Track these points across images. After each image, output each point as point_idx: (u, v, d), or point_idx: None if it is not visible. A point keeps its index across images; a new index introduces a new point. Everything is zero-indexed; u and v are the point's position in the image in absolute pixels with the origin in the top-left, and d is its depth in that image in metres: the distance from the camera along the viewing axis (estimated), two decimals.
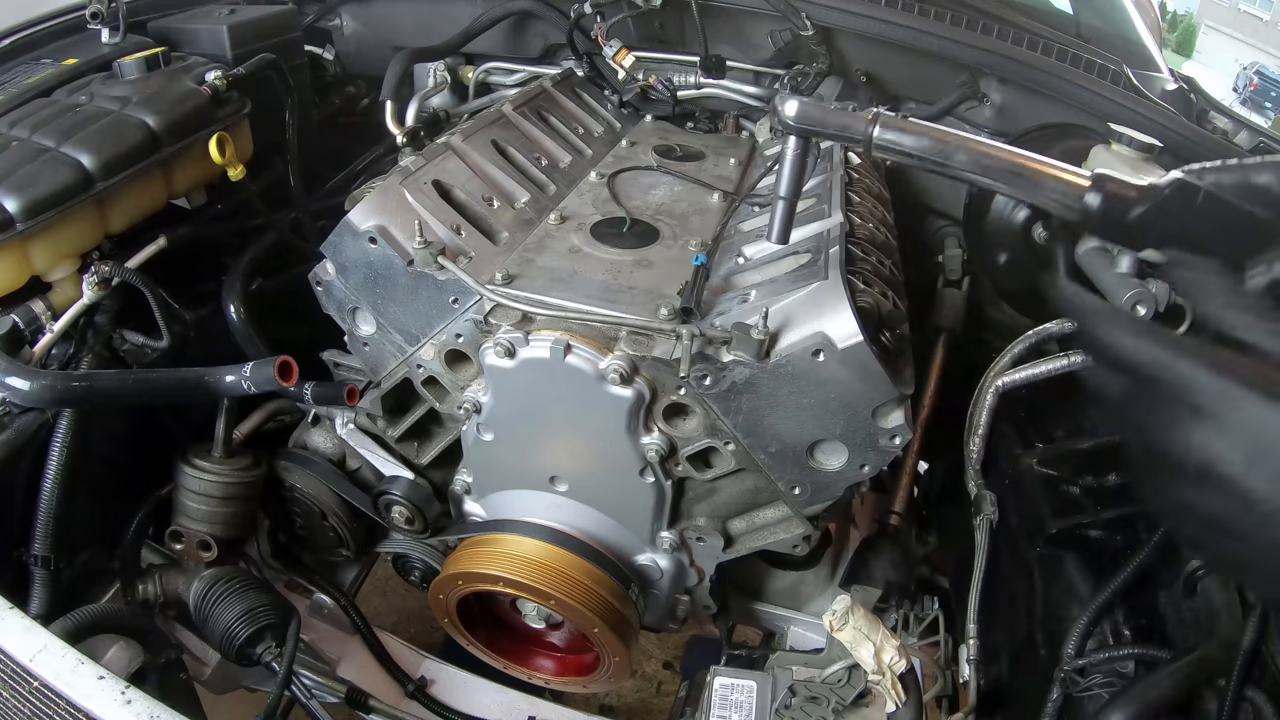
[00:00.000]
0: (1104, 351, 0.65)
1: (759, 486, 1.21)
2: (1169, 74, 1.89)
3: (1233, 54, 22.98)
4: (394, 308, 1.21)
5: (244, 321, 1.43)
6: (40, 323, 1.25)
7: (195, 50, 1.58)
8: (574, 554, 1.31)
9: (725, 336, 1.04)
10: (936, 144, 0.76)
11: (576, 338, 1.11)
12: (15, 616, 0.86)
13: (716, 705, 1.16)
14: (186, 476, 1.37)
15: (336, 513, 1.51)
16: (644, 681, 2.42)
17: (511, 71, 2.03)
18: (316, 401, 1.28)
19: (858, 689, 1.09)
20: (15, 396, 1.10)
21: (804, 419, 1.08)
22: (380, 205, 1.18)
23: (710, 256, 1.22)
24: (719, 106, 1.91)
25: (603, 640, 1.33)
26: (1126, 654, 1.04)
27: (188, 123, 1.37)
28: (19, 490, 1.20)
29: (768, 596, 1.63)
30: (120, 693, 0.80)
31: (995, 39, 1.66)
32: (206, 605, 1.34)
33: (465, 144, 1.39)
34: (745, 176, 1.60)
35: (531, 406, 1.20)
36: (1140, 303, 1.26)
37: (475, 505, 1.43)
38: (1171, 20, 24.77)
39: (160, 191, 1.41)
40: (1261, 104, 18.16)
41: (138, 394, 1.19)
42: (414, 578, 1.63)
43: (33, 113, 1.32)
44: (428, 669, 1.67)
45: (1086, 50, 1.72)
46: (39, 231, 1.19)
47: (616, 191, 1.45)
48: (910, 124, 0.77)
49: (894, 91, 1.84)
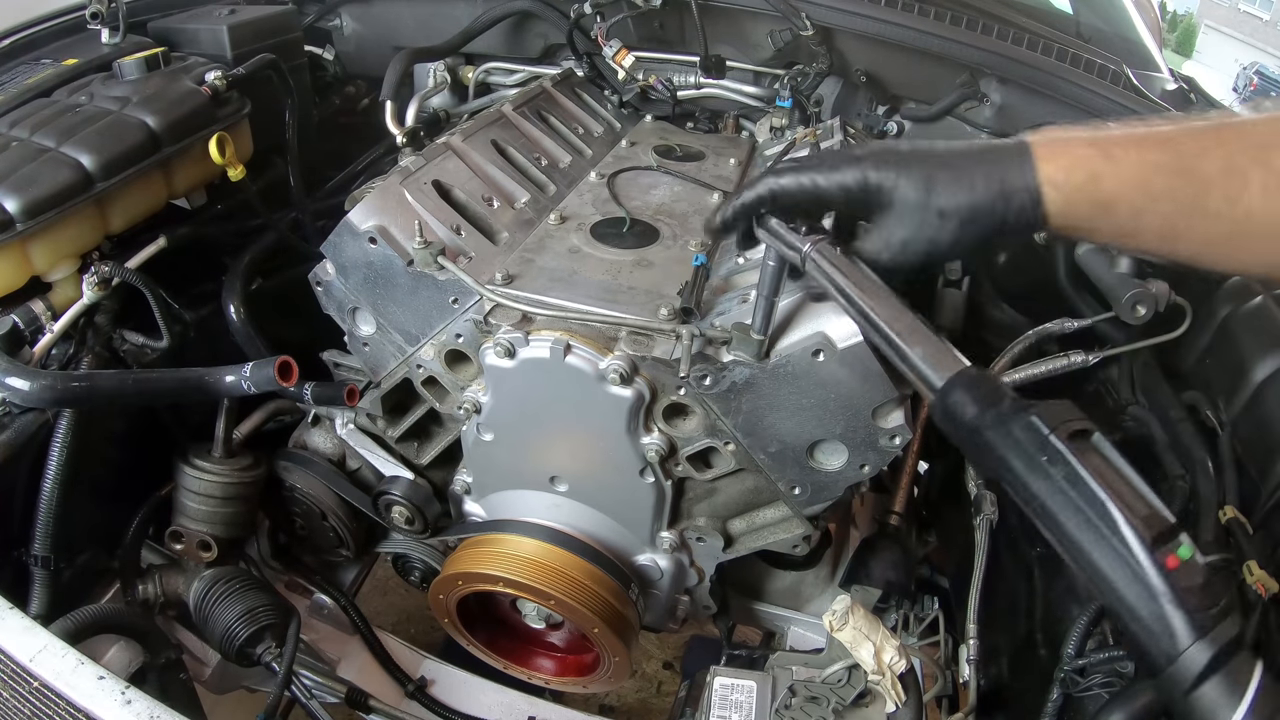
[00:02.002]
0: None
1: (759, 486, 1.21)
2: (1169, 74, 1.89)
3: (1233, 54, 23.01)
4: (394, 308, 1.22)
5: (244, 321, 1.43)
6: (40, 323, 1.25)
7: (195, 50, 1.58)
8: (574, 554, 1.31)
9: (725, 336, 1.04)
10: (848, 286, 0.80)
11: (576, 338, 1.11)
12: (15, 616, 0.86)
13: (716, 705, 1.15)
14: (186, 476, 1.37)
15: (336, 513, 1.51)
16: (644, 681, 2.42)
17: (511, 71, 2.03)
18: (316, 401, 1.28)
19: (858, 689, 1.08)
20: (15, 396, 1.10)
21: (804, 419, 1.08)
22: (380, 205, 1.18)
23: (710, 256, 1.21)
24: (719, 106, 1.91)
25: (603, 640, 1.34)
26: (1126, 654, 1.03)
27: (188, 123, 1.37)
28: (19, 490, 1.20)
29: (768, 596, 1.63)
30: (120, 693, 0.79)
31: (995, 39, 1.66)
32: (206, 605, 1.34)
33: (465, 144, 1.39)
34: (745, 176, 1.60)
35: (531, 406, 1.20)
36: (1140, 303, 1.26)
37: (475, 505, 1.43)
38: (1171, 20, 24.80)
39: (160, 192, 1.41)
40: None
41: (138, 394, 1.19)
42: (414, 578, 1.63)
43: (33, 113, 1.32)
44: (428, 669, 1.67)
45: (1086, 50, 1.72)
46: (39, 231, 1.19)
47: (616, 191, 1.45)
48: (841, 260, 0.81)
49: (894, 91, 1.84)
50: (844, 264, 0.81)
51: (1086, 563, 0.61)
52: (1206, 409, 1.21)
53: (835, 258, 0.81)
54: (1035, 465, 0.63)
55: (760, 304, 0.98)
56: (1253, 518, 1.05)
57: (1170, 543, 0.60)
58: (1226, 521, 1.05)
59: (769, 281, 0.95)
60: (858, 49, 1.77)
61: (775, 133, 1.76)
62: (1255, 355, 1.15)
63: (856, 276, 0.80)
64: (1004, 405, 0.66)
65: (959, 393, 0.69)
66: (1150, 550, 0.58)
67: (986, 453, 0.66)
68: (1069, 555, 0.63)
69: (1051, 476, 0.62)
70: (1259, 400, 1.12)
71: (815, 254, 0.82)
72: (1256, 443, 1.11)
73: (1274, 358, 1.13)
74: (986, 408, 0.67)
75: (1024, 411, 0.64)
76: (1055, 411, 0.64)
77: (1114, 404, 1.35)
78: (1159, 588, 0.58)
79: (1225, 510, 1.06)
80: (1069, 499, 0.61)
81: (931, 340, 0.74)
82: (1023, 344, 1.40)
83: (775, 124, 1.76)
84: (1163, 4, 17.35)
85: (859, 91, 1.84)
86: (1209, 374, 1.25)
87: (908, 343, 0.74)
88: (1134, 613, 0.59)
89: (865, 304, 0.78)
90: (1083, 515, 0.61)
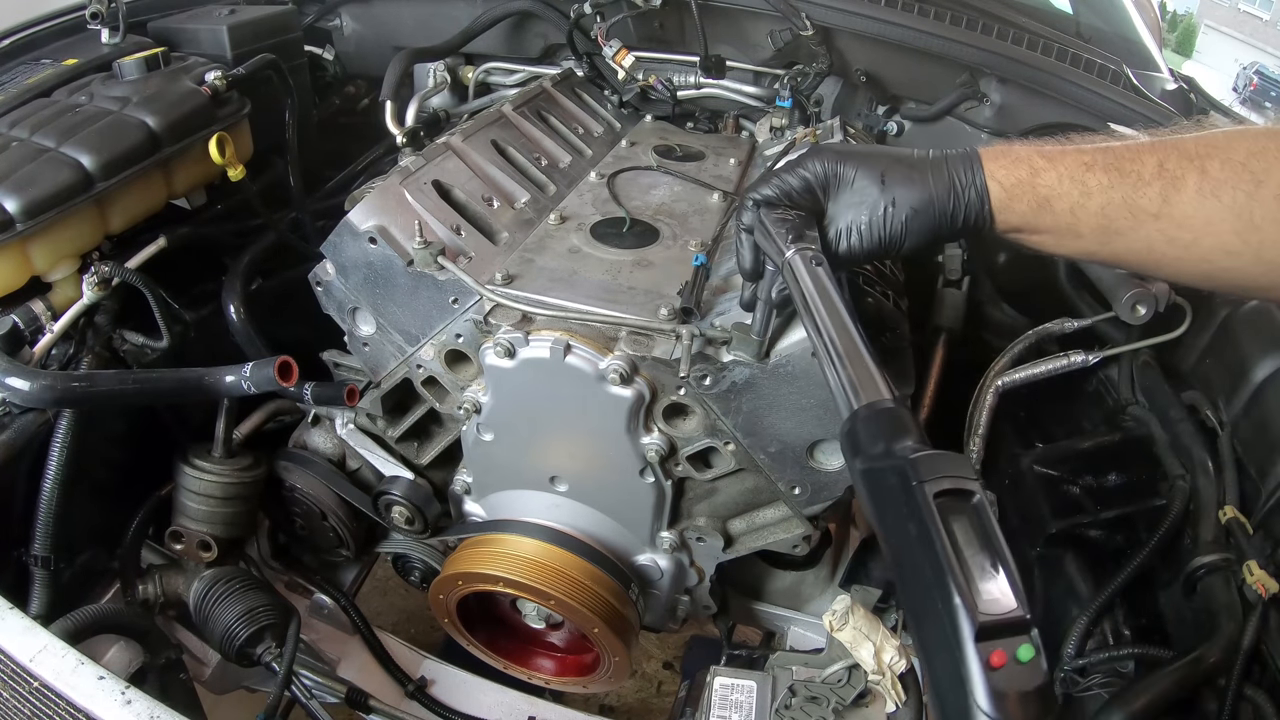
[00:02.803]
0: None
1: (759, 486, 1.21)
2: (1169, 74, 1.89)
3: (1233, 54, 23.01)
4: (394, 308, 1.22)
5: (244, 321, 1.43)
6: (40, 323, 1.25)
7: (195, 50, 1.58)
8: (574, 554, 1.31)
9: (725, 336, 1.04)
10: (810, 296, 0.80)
11: (576, 338, 1.11)
12: (15, 616, 0.86)
13: (716, 705, 1.16)
14: (186, 477, 1.37)
15: (336, 513, 1.51)
16: (644, 681, 2.42)
17: (511, 72, 2.03)
18: (316, 401, 1.28)
19: (858, 689, 1.09)
20: (15, 396, 1.10)
21: (804, 419, 1.08)
22: (380, 205, 1.18)
23: (710, 256, 1.22)
24: (719, 106, 1.91)
25: (603, 640, 1.34)
26: (1126, 654, 1.04)
27: (188, 123, 1.37)
28: (19, 490, 1.20)
29: (768, 596, 1.63)
30: (120, 693, 0.79)
31: (995, 39, 1.66)
32: (206, 605, 1.34)
33: (465, 144, 1.39)
34: (745, 176, 1.60)
35: (531, 406, 1.20)
36: (1140, 303, 1.26)
37: (475, 505, 1.43)
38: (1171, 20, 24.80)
39: (160, 192, 1.41)
40: (1261, 104, 18.20)
41: (138, 394, 1.18)
42: (414, 578, 1.63)
43: (33, 113, 1.31)
44: (428, 669, 1.67)
45: (1086, 50, 1.72)
46: (39, 231, 1.19)
47: (616, 191, 1.45)
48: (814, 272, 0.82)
49: (894, 91, 1.84)
50: (814, 275, 0.81)
51: (915, 633, 0.58)
52: (1206, 409, 1.21)
53: (810, 268, 0.82)
54: (896, 514, 0.59)
55: (760, 305, 0.98)
56: (1253, 518, 1.05)
57: (1009, 638, 0.53)
58: (1226, 521, 1.05)
59: (768, 282, 0.95)
60: (858, 49, 1.77)
61: (775, 133, 1.76)
62: (1255, 355, 1.15)
63: (821, 288, 0.80)
64: (895, 445, 0.62)
65: (860, 423, 0.67)
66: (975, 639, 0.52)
67: (860, 487, 0.64)
68: (906, 617, 0.60)
69: (905, 532, 0.58)
70: (1259, 400, 1.13)
71: (794, 260, 0.82)
72: (1256, 443, 1.11)
73: (1274, 358, 1.13)
74: (876, 443, 0.64)
75: (904, 457, 0.60)
76: (937, 464, 0.59)
77: (1114, 404, 1.35)
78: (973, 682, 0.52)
79: (1225, 510, 1.06)
80: (914, 559, 0.56)
81: (863, 365, 0.72)
82: (1023, 344, 1.40)
83: (775, 124, 1.76)
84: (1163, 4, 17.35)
85: (859, 91, 1.84)
86: (1209, 374, 1.25)
87: (841, 361, 0.73)
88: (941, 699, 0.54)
89: (818, 314, 0.78)
90: (922, 581, 0.56)
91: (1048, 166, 0.79)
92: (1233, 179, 0.72)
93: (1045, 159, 0.79)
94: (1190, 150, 0.75)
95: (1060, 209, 0.78)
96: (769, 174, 0.89)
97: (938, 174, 0.82)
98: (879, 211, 0.83)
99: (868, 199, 0.83)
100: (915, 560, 0.56)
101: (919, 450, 0.61)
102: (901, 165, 0.83)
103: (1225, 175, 0.72)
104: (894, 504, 0.59)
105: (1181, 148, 0.75)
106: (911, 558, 0.57)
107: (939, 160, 0.82)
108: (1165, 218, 0.74)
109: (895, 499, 0.59)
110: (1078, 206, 0.78)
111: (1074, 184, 0.77)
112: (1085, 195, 0.77)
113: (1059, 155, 0.79)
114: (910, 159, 0.84)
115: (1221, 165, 0.73)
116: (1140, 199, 0.75)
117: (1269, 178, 0.71)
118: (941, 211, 0.81)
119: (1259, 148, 0.72)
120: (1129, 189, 0.75)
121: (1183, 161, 0.74)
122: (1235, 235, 0.73)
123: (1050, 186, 0.78)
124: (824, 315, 0.78)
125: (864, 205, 0.83)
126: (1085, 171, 0.77)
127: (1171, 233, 0.75)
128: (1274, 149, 0.72)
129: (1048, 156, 0.79)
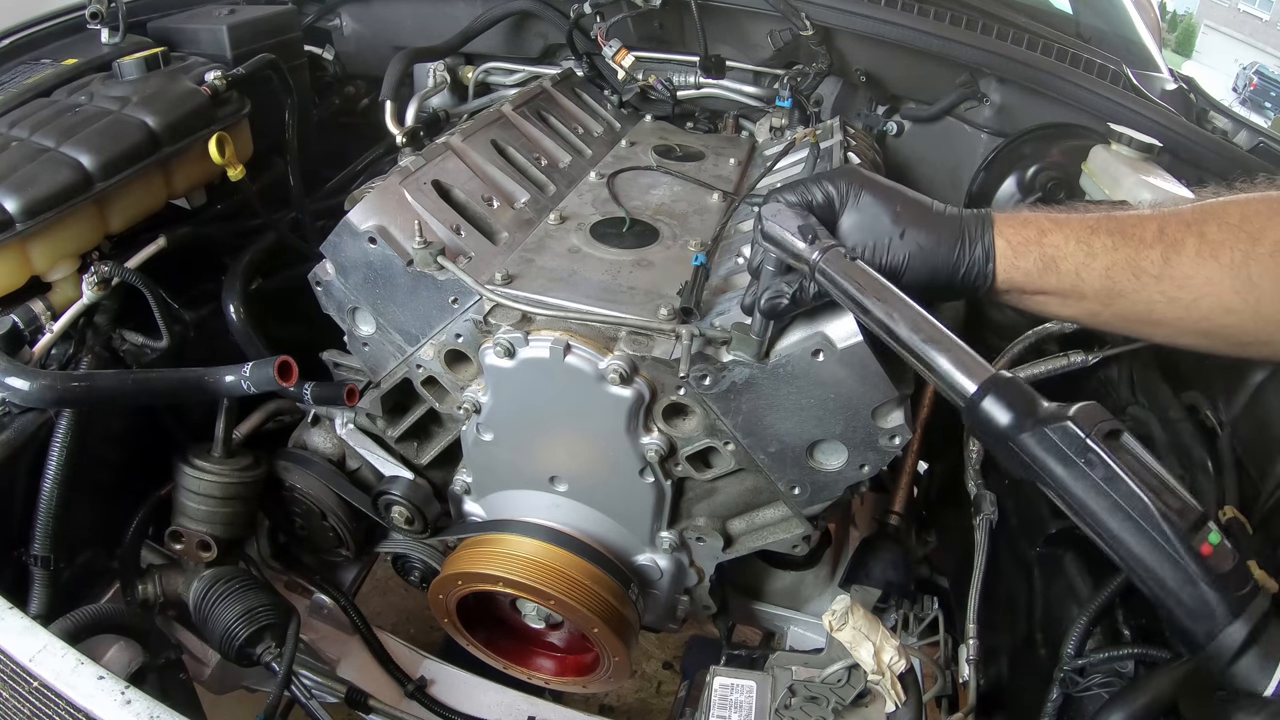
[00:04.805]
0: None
1: (759, 486, 1.21)
2: (1169, 74, 1.89)
3: (1233, 54, 23.00)
4: (394, 308, 1.22)
5: (244, 321, 1.43)
6: (40, 323, 1.25)
7: (195, 50, 1.58)
8: (574, 554, 1.31)
9: (725, 336, 1.04)
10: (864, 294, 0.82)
11: (576, 338, 1.11)
12: (15, 616, 0.86)
13: (716, 705, 1.15)
14: (186, 477, 1.37)
15: (336, 513, 1.51)
16: (644, 681, 2.42)
17: (511, 71, 2.03)
18: (316, 401, 1.28)
19: (858, 689, 1.08)
20: (15, 396, 1.10)
21: (804, 419, 1.08)
22: (380, 205, 1.18)
23: (710, 256, 1.21)
24: (719, 106, 1.91)
25: (603, 640, 1.34)
26: (1126, 654, 1.03)
27: (187, 123, 1.37)
28: (19, 490, 1.20)
29: (768, 596, 1.63)
30: (120, 693, 0.79)
31: (995, 39, 1.66)
32: (206, 605, 1.34)
33: (465, 144, 1.39)
34: (745, 176, 1.60)
35: (531, 406, 1.20)
36: None
37: (475, 505, 1.43)
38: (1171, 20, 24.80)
39: (160, 191, 1.41)
40: (1261, 104, 18.19)
41: (138, 394, 1.18)
42: (414, 578, 1.63)
43: (32, 113, 1.31)
44: (428, 669, 1.67)
45: (1086, 50, 1.72)
46: (39, 231, 1.19)
47: (616, 191, 1.45)
48: (855, 268, 0.84)
49: (894, 91, 1.84)
50: (857, 271, 0.83)
51: (1129, 555, 0.66)
52: (1206, 409, 1.21)
53: (846, 265, 0.83)
54: (1075, 468, 0.67)
55: (756, 319, 0.99)
56: (1253, 518, 1.05)
57: (1201, 530, 0.65)
58: (1226, 521, 1.05)
59: (762, 285, 0.95)
60: (858, 49, 1.77)
61: (775, 133, 1.77)
62: None
63: (872, 284, 0.81)
64: (1038, 411, 0.70)
65: (991, 400, 0.73)
66: (1186, 540, 0.64)
67: (1023, 458, 0.70)
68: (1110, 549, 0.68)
69: (1091, 478, 0.67)
70: (1259, 400, 1.12)
71: (825, 264, 0.84)
72: (1256, 443, 1.11)
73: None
74: (1021, 414, 0.70)
75: (1060, 416, 0.68)
76: (1089, 414, 0.68)
77: (1114, 404, 1.35)
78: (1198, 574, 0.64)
79: (1225, 510, 1.06)
80: (1109, 498, 0.66)
81: (957, 347, 0.76)
82: (1023, 344, 1.40)
83: (775, 124, 1.77)
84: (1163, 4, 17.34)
85: (859, 91, 1.84)
86: (1209, 374, 1.25)
87: (933, 350, 0.76)
88: (1177, 597, 0.65)
89: (884, 312, 0.80)
90: (1123, 512, 0.65)
91: (1054, 228, 0.84)
92: (1230, 239, 0.77)
93: (1053, 222, 0.84)
94: (1188, 217, 0.80)
95: (1065, 269, 0.83)
96: (795, 182, 0.92)
97: (951, 223, 0.86)
98: (885, 240, 0.87)
99: (879, 226, 0.87)
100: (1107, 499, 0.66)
101: (1062, 407, 0.70)
102: (919, 206, 0.88)
103: (1223, 237, 0.77)
104: (1068, 459, 0.68)
105: (1180, 215, 0.81)
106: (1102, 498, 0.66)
107: (955, 214, 0.87)
108: (1167, 279, 0.80)
109: (1069, 455, 0.68)
110: (1083, 267, 0.82)
111: (1079, 245, 0.82)
112: (1090, 256, 0.82)
113: (1065, 219, 0.84)
114: (928, 204, 0.89)
115: (1218, 228, 0.78)
116: (1143, 260, 0.80)
117: (1264, 236, 0.76)
118: (945, 258, 0.85)
119: (1252, 210, 0.78)
120: (1132, 250, 0.80)
121: (1181, 227, 0.79)
122: (1234, 293, 0.77)
123: (1057, 246, 0.83)
124: (889, 310, 0.80)
125: (873, 230, 0.87)
126: (1090, 234, 0.82)
127: (1173, 293, 0.80)
128: (1266, 210, 0.77)
129: (1055, 220, 0.85)
